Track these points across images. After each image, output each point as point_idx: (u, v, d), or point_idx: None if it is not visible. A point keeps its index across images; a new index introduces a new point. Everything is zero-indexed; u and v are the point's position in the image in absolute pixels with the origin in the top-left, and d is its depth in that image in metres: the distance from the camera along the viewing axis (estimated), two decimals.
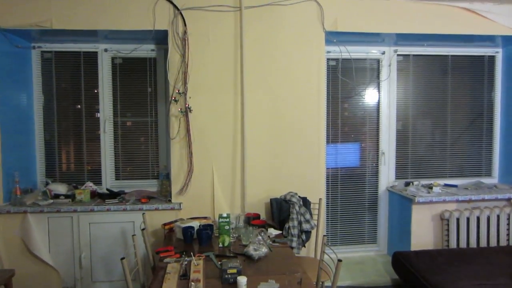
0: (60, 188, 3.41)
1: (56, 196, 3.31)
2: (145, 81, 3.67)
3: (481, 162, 4.17)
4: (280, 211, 3.19)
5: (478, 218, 3.61)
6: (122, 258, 2.04)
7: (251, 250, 2.35)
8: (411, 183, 3.89)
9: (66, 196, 3.31)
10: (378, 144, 4.01)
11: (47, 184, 3.48)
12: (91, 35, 3.35)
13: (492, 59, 4.11)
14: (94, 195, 3.43)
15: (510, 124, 4.03)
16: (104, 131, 3.64)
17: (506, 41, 3.87)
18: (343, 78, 3.84)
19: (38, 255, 3.13)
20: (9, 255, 3.15)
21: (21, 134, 3.40)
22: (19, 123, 3.37)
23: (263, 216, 3.36)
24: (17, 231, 3.13)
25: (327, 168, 3.78)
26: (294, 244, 3.05)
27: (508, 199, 3.72)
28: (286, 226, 3.08)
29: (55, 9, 3.13)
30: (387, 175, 4.04)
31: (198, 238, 2.66)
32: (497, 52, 4.10)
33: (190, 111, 3.25)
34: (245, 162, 3.36)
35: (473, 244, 3.61)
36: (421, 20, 3.50)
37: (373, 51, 3.93)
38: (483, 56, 4.09)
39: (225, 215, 2.68)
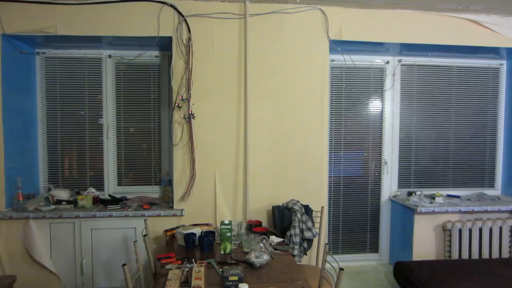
0: (63, 194, 3.41)
1: (58, 201, 3.31)
2: (148, 87, 3.68)
3: (484, 173, 4.16)
4: (282, 219, 3.19)
5: (480, 230, 3.59)
6: (124, 265, 2.04)
7: (252, 257, 2.35)
8: (413, 193, 3.88)
9: (68, 202, 3.30)
10: (381, 153, 4.01)
11: (49, 189, 3.48)
12: (95, 41, 3.38)
13: (496, 71, 4.11)
14: (96, 201, 3.43)
15: None
16: (107, 137, 3.65)
17: (510, 54, 3.88)
18: (347, 87, 3.85)
19: (39, 261, 3.12)
20: (10, 261, 3.15)
21: (24, 140, 3.41)
22: (22, 128, 3.39)
23: (265, 224, 3.36)
24: (19, 237, 3.13)
25: (329, 176, 3.78)
26: (295, 252, 3.04)
27: (511, 211, 3.70)
28: (288, 234, 3.07)
29: (59, 15, 3.16)
30: (389, 185, 4.03)
31: (200, 245, 2.66)
32: (501, 64, 4.11)
33: (193, 117, 3.26)
34: (248, 169, 3.36)
35: (475, 255, 3.59)
36: (425, 30, 3.52)
37: (377, 61, 3.95)
38: (487, 67, 4.10)
39: (227, 222, 2.67)
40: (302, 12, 3.38)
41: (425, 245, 3.64)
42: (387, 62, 3.96)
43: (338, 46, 3.49)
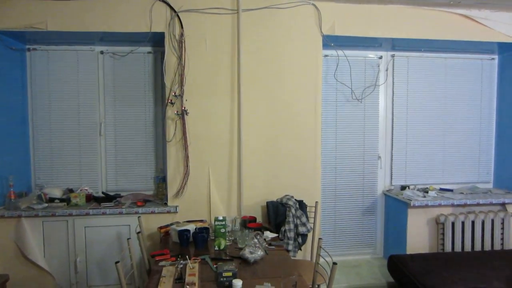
0: (55, 192, 3.38)
1: (51, 199, 3.28)
2: (141, 84, 3.66)
3: (477, 167, 4.19)
4: (277, 214, 3.19)
5: (473, 223, 3.63)
6: (117, 262, 2.03)
7: (247, 253, 2.35)
8: (407, 187, 3.90)
9: (61, 200, 3.28)
10: (375, 148, 4.02)
11: (42, 187, 3.45)
12: (86, 37, 3.34)
13: (488, 65, 4.13)
14: (89, 198, 3.41)
15: (504, 130, 4.07)
16: (100, 133, 3.63)
17: (502, 48, 3.91)
18: (341, 82, 3.85)
19: (32, 260, 3.10)
20: (3, 260, 3.12)
21: (15, 137, 3.38)
22: (13, 125, 3.35)
23: (259, 219, 3.36)
24: (11, 235, 3.10)
25: (323, 171, 3.78)
26: (290, 247, 3.05)
27: (503, 204, 3.74)
28: (282, 229, 3.08)
29: (50, 11, 3.12)
30: (383, 179, 4.06)
31: (194, 241, 2.65)
32: (493, 58, 4.13)
33: (186, 113, 3.25)
34: (242, 165, 3.36)
35: (467, 248, 3.62)
36: (418, 25, 3.53)
37: (370, 56, 3.95)
38: (480, 62, 4.12)
39: (221, 218, 2.67)
40: (295, 7, 3.37)
41: (418, 238, 3.66)
42: (381, 57, 3.97)
43: (331, 41, 3.49)
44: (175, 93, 3.24)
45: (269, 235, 2.90)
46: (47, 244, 3.17)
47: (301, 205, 3.28)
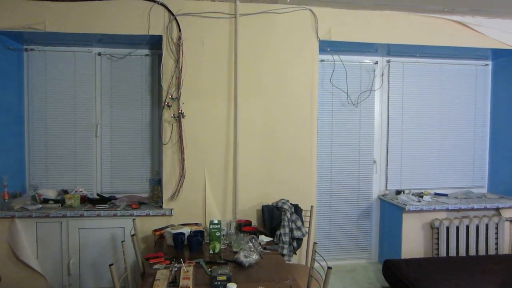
0: (50, 193, 3.36)
1: (45, 200, 3.26)
2: (138, 86, 3.65)
3: (471, 172, 4.21)
4: (272, 218, 3.19)
5: (467, 227, 3.65)
6: (111, 265, 2.02)
7: (241, 257, 2.35)
8: (402, 192, 3.92)
9: (56, 201, 3.26)
10: (370, 153, 4.04)
11: (36, 188, 3.43)
12: (84, 38, 3.34)
13: (482, 71, 4.17)
14: (84, 200, 3.39)
15: (498, 135, 4.11)
16: (96, 135, 3.62)
17: (495, 54, 3.96)
18: (336, 87, 3.87)
19: (25, 261, 3.07)
20: None
21: (11, 137, 3.36)
22: (8, 125, 3.33)
23: (254, 223, 3.36)
24: (4, 236, 3.08)
25: (319, 175, 3.79)
26: (285, 251, 3.04)
27: (497, 209, 3.76)
28: (278, 233, 3.08)
29: (48, 12, 3.12)
30: (378, 183, 4.07)
31: (189, 245, 2.65)
32: (487, 64, 4.18)
33: (183, 116, 3.25)
34: (238, 169, 3.36)
35: (462, 252, 3.64)
36: (413, 31, 3.56)
37: (366, 61, 3.98)
38: (474, 67, 4.16)
39: (216, 221, 2.66)
40: (292, 13, 3.39)
41: (413, 243, 3.67)
42: (376, 62, 3.99)
43: (327, 46, 3.51)
44: (172, 95, 3.24)
45: (264, 239, 2.90)
46: (40, 245, 3.14)
47: (297, 209, 3.29)
